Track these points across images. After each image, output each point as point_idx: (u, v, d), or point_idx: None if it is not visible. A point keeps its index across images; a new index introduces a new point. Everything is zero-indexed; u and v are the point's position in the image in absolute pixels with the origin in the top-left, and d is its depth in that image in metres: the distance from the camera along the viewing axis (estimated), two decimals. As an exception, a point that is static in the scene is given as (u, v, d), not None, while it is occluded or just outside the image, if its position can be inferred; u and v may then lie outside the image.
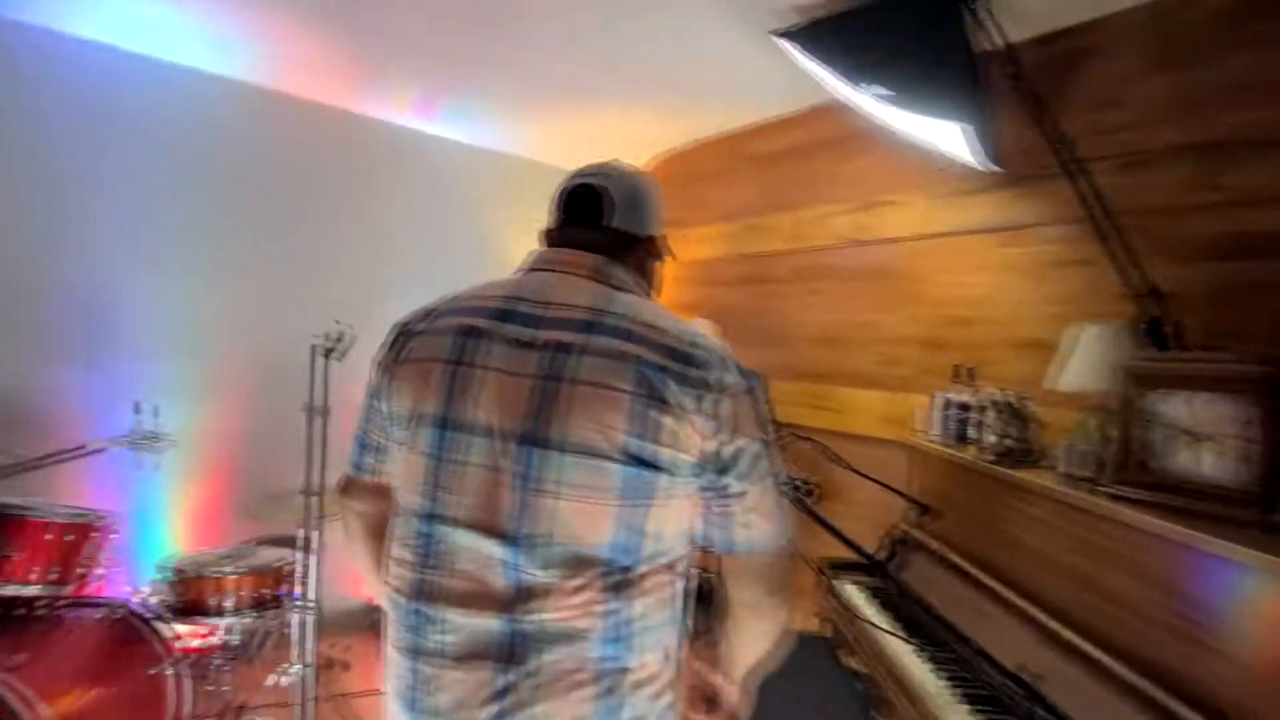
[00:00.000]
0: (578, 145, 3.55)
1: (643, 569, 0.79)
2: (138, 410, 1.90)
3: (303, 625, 1.85)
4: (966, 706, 1.39)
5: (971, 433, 1.97)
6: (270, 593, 2.04)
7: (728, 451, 0.79)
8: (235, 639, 2.17)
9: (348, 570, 3.00)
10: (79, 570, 1.93)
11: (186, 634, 2.53)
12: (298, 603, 1.86)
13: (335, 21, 2.32)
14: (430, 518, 0.81)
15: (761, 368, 2.77)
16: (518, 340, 0.81)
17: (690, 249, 3.60)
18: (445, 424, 0.81)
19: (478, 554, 0.78)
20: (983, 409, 1.90)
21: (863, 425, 2.74)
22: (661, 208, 1.02)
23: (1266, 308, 1.74)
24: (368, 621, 3.06)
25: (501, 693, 0.76)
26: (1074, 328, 1.78)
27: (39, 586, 1.82)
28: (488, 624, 0.77)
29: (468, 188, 3.47)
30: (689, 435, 0.77)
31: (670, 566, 0.83)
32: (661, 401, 0.76)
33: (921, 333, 2.58)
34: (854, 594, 2.04)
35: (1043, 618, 1.41)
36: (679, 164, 3.71)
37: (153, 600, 1.93)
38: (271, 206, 2.85)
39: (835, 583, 2.13)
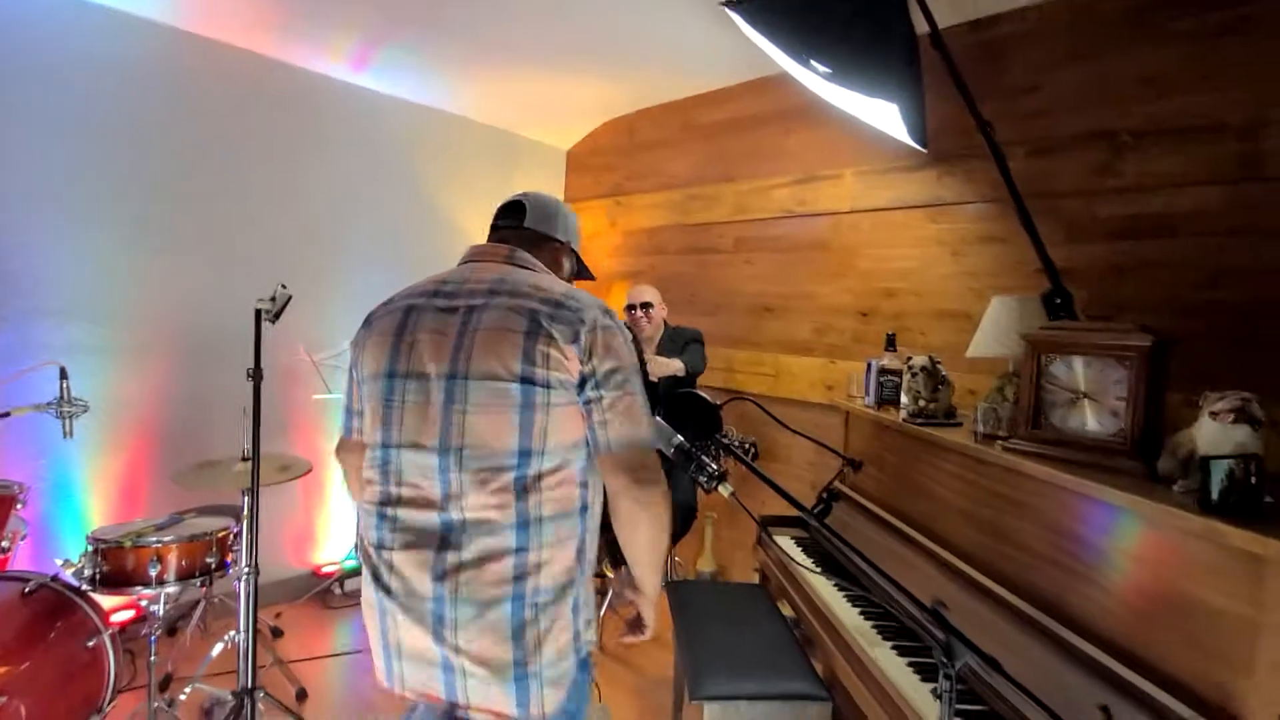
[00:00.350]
0: (521, 107, 3.49)
1: (542, 473, 1.02)
2: (63, 375, 1.79)
3: (247, 590, 1.83)
4: (890, 643, 1.55)
5: (905, 398, 2.12)
6: (210, 560, 2.00)
7: (589, 370, 1.04)
8: (173, 609, 2.11)
9: (283, 540, 2.99)
10: (-5, 544, 1.84)
11: (122, 605, 2.47)
12: (244, 569, 1.84)
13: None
14: (386, 446, 1.08)
15: (704, 334, 2.87)
16: (441, 309, 1.10)
17: (635, 217, 3.62)
18: (393, 375, 1.08)
19: (419, 467, 1.05)
20: (911, 374, 2.05)
21: (800, 390, 2.89)
22: (574, 227, 1.34)
23: (1156, 282, 1.95)
24: (304, 590, 3.04)
25: (441, 573, 1.01)
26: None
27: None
28: (429, 518, 1.03)
29: (406, 145, 3.36)
30: (565, 361, 1.02)
31: (570, 479, 1.05)
32: (546, 337, 1.02)
33: (854, 303, 2.72)
34: (788, 545, 2.19)
35: (954, 560, 1.58)
36: (624, 131, 3.70)
37: (85, 571, 1.85)
38: (198, 160, 2.67)
39: (773, 536, 2.28)
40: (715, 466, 1.30)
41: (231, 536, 2.11)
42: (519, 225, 1.25)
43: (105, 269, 2.48)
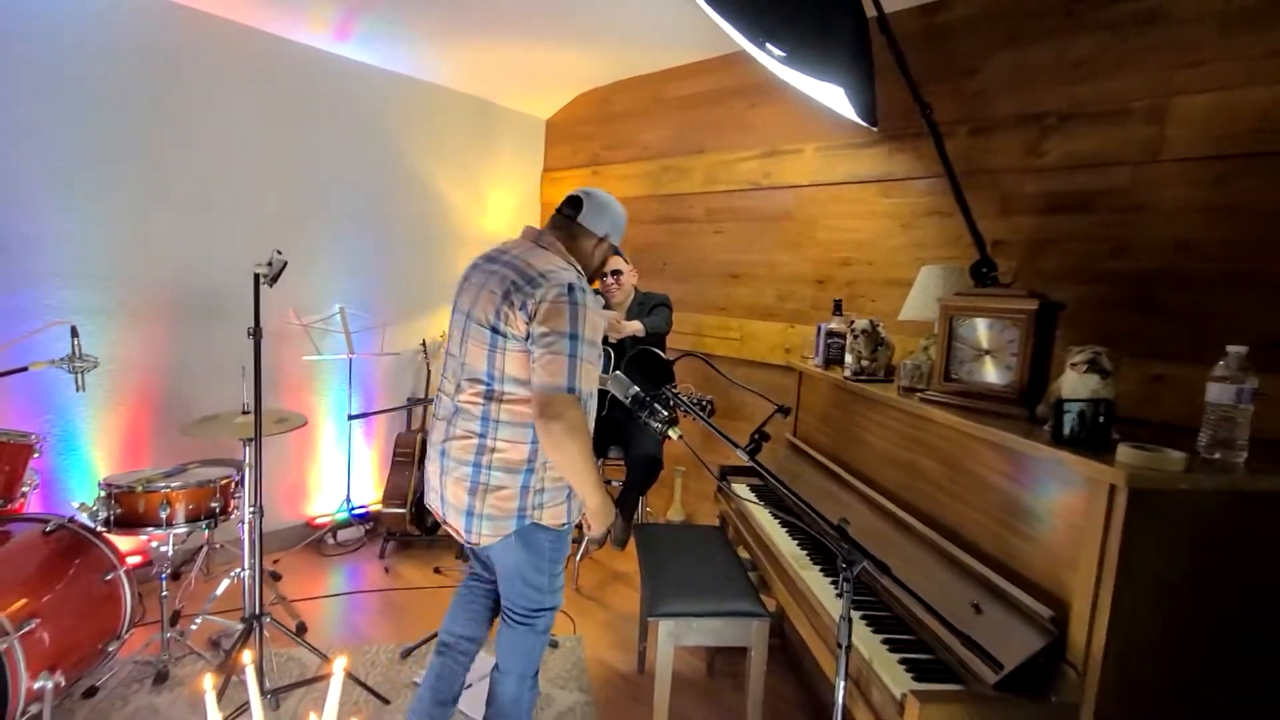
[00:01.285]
0: (500, 77, 3.58)
1: (503, 392, 1.49)
2: (74, 334, 1.94)
3: (253, 531, 2.02)
4: (818, 566, 1.79)
5: (848, 357, 2.33)
6: (215, 505, 2.18)
7: (531, 330, 1.44)
8: (177, 554, 2.29)
9: (279, 493, 3.18)
10: (12, 489, 2.01)
11: (134, 547, 2.66)
12: (251, 509, 2.03)
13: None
14: (447, 353, 1.64)
15: (675, 300, 3.09)
16: (481, 268, 1.59)
17: (612, 187, 3.75)
18: (455, 309, 1.61)
19: (450, 369, 1.61)
20: (854, 336, 2.25)
21: (762, 352, 3.09)
22: (619, 224, 1.69)
23: (1072, 252, 2.16)
24: (299, 539, 3.24)
25: (444, 438, 1.56)
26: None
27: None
28: (447, 403, 1.59)
29: (389, 114, 3.45)
30: (516, 321, 1.45)
31: (523, 401, 1.48)
32: (509, 302, 1.45)
33: (812, 271, 2.91)
34: (742, 490, 2.42)
35: (878, 497, 1.81)
36: (601, 102, 3.81)
37: (99, 514, 2.03)
38: (191, 128, 2.75)
39: (730, 483, 2.51)
40: (666, 413, 1.51)
41: (233, 484, 2.29)
42: (573, 216, 1.62)
43: (105, 234, 2.60)
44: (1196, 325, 1.91)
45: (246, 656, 0.78)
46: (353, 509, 3.40)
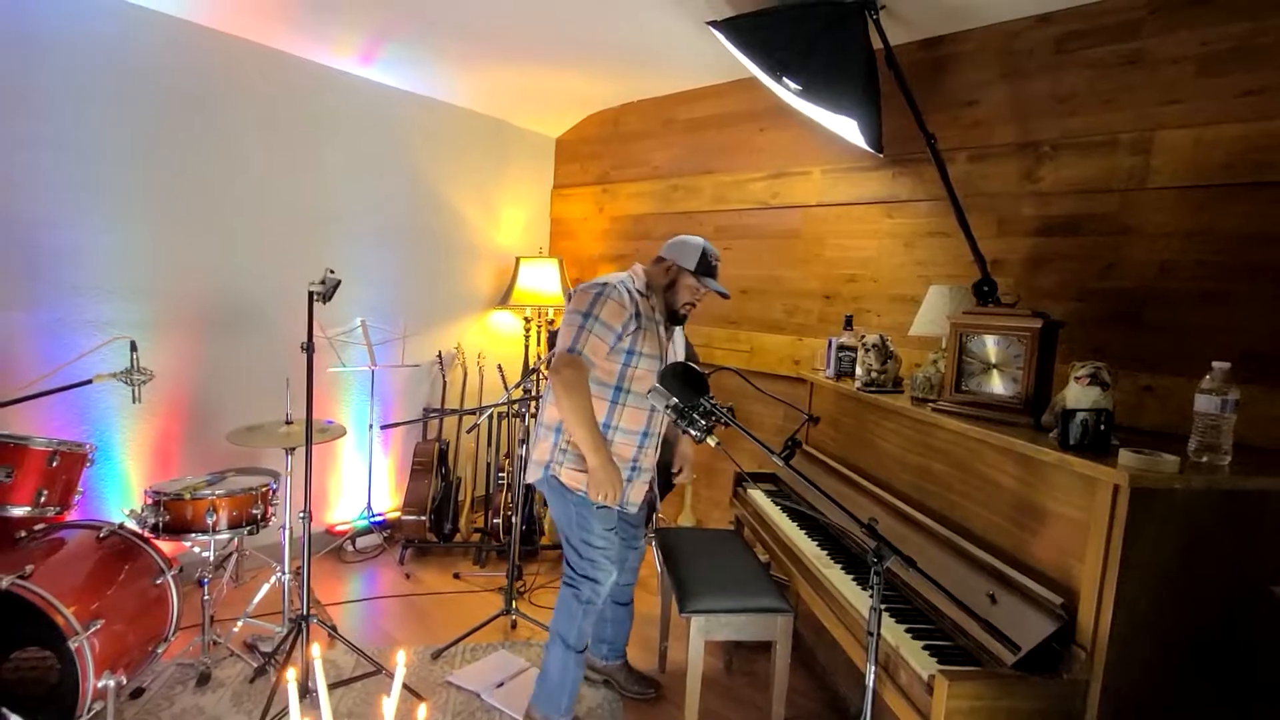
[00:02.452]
0: (513, 98, 3.72)
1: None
2: (134, 348, 2.03)
3: (301, 530, 2.11)
4: (839, 564, 1.92)
5: (859, 370, 2.48)
6: (256, 511, 2.27)
7: None
8: (222, 555, 2.37)
9: (301, 500, 3.25)
10: (69, 495, 2.09)
11: (178, 551, 2.73)
12: (301, 513, 2.13)
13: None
14: None
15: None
16: None
17: (621, 204, 3.90)
18: None
19: None
20: (865, 350, 2.40)
21: (771, 364, 3.24)
22: (685, 251, 2.02)
23: (1064, 271, 2.33)
24: (320, 547, 3.32)
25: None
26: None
27: (29, 509, 1.96)
28: None
29: (409, 133, 3.57)
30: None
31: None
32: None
33: (819, 287, 3.07)
34: (759, 496, 2.55)
35: (891, 498, 1.95)
36: (609, 123, 3.96)
37: (148, 520, 2.12)
38: (223, 148, 2.85)
39: (747, 488, 2.64)
40: (704, 422, 1.63)
41: (270, 491, 2.38)
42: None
43: (144, 250, 2.69)
44: (1178, 340, 2.08)
45: (316, 650, 0.88)
46: (372, 517, 3.48)
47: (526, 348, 3.91)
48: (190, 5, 2.63)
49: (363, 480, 3.51)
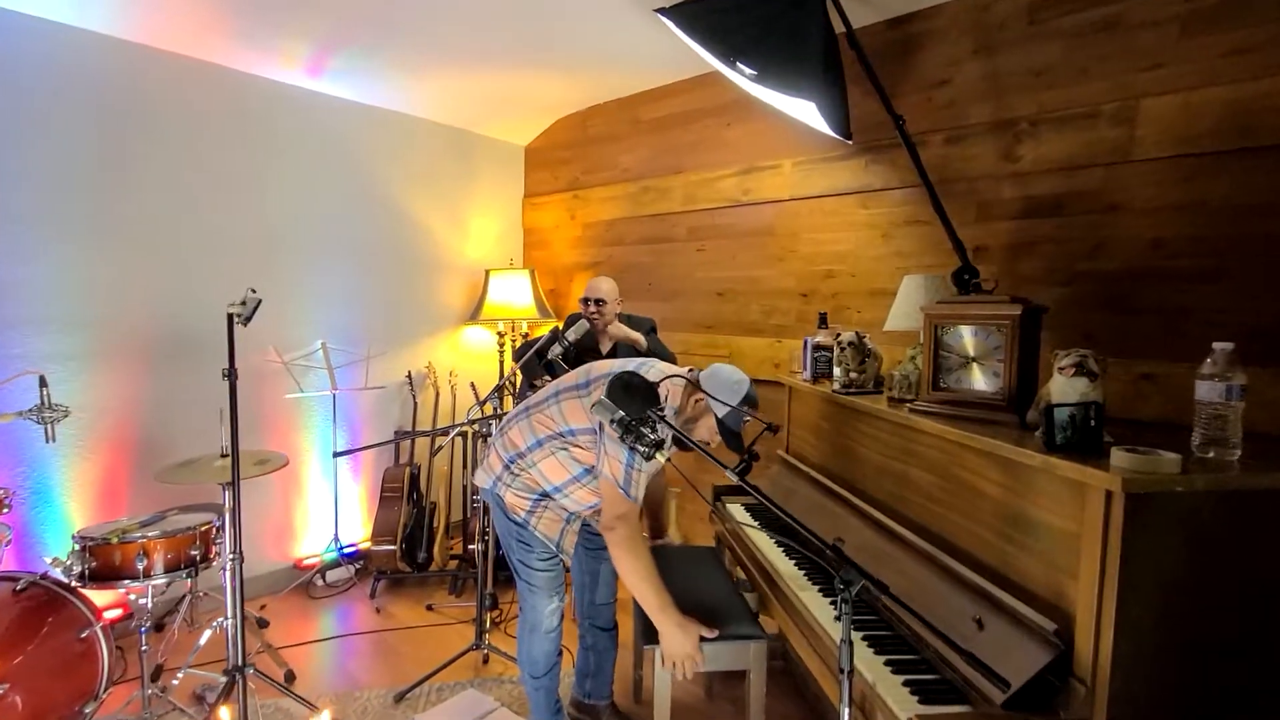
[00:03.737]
0: (476, 106, 3.60)
1: None
2: (43, 384, 1.88)
3: (234, 575, 1.95)
4: (817, 586, 1.75)
5: (836, 370, 2.32)
6: (195, 553, 2.11)
7: None
8: (160, 604, 2.21)
9: (264, 535, 3.10)
10: (-17, 547, 1.93)
11: (112, 601, 2.57)
12: (230, 555, 1.96)
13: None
14: None
15: (661, 319, 3.08)
16: None
17: (593, 210, 3.77)
18: None
19: None
20: (840, 349, 2.24)
21: (750, 369, 3.02)
22: (719, 392, 1.84)
23: (1048, 255, 2.17)
24: (286, 582, 3.15)
25: None
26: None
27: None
28: None
29: (366, 148, 3.44)
30: None
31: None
32: None
33: (795, 285, 2.91)
34: (736, 511, 2.38)
35: (870, 510, 1.78)
36: (577, 127, 3.83)
37: (74, 569, 1.96)
38: (161, 169, 2.73)
39: (725, 504, 2.47)
40: (652, 437, 1.47)
41: (214, 530, 2.23)
42: None
43: (76, 279, 2.55)
44: (1175, 321, 1.91)
45: (224, 714, 0.73)
46: (341, 548, 3.32)
47: (501, 363, 3.76)
48: (119, 21, 2.51)
49: (329, 512, 3.35)
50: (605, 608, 2.16)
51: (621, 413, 1.51)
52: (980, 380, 1.55)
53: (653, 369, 1.78)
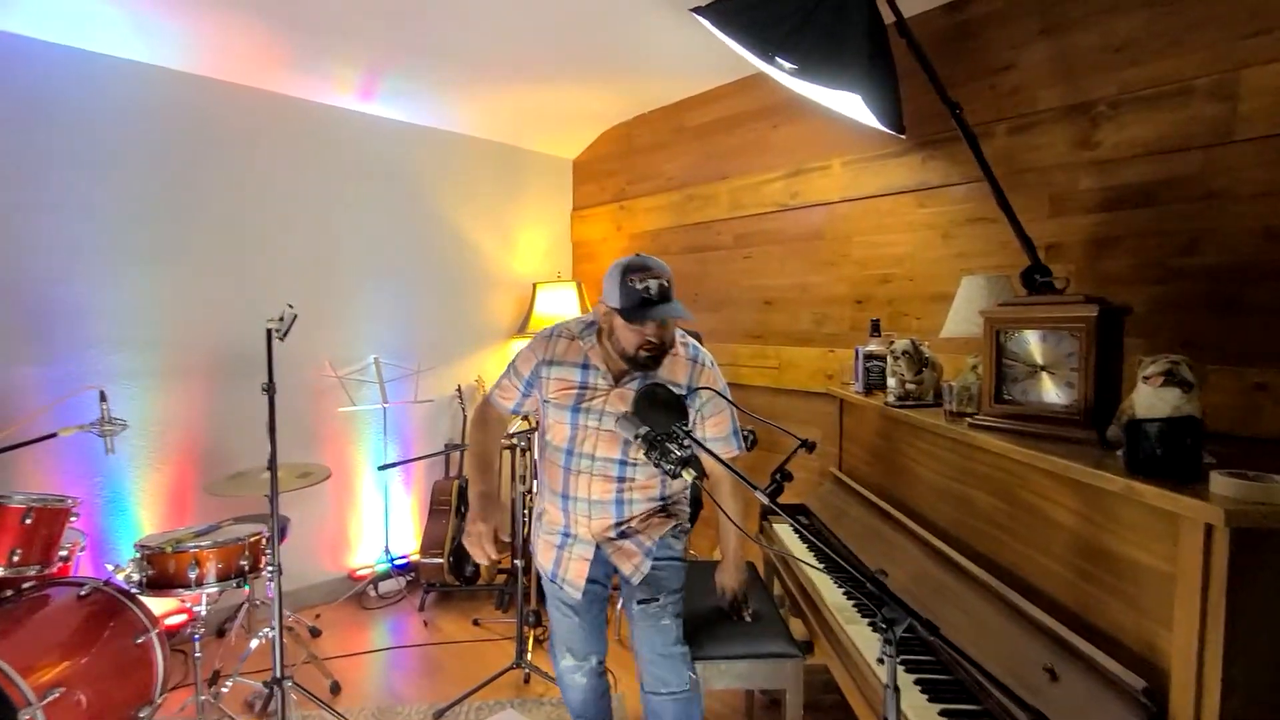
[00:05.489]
0: (523, 121, 3.62)
1: None
2: (103, 398, 1.99)
3: (277, 590, 1.98)
4: (866, 620, 1.59)
5: (890, 381, 2.14)
6: (244, 563, 2.17)
7: None
8: (219, 611, 2.28)
9: (319, 546, 3.18)
10: (49, 553, 2.04)
11: (174, 609, 2.69)
12: (270, 568, 2.00)
13: (274, 15, 2.36)
14: None
15: (708, 331, 2.98)
16: None
17: (638, 220, 3.71)
18: None
19: None
20: (894, 358, 2.07)
21: (801, 380, 2.92)
22: (608, 293, 1.63)
23: (1137, 251, 1.93)
24: (340, 592, 3.21)
25: None
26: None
27: (3, 569, 1.90)
28: None
29: (417, 166, 3.52)
30: None
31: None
32: None
33: (849, 291, 2.74)
34: (786, 532, 2.24)
35: (929, 536, 1.61)
36: (623, 138, 3.79)
37: (133, 576, 2.04)
38: (221, 194, 2.88)
39: (771, 524, 2.33)
40: (678, 453, 1.37)
41: (263, 541, 2.28)
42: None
43: (144, 302, 2.70)
44: (1296, 323, 1.65)
45: None
46: (393, 560, 3.37)
47: (549, 376, 3.74)
48: (187, 56, 2.67)
49: (380, 523, 3.41)
50: (660, 685, 1.60)
51: (646, 428, 1.43)
52: (1051, 392, 1.37)
53: None
